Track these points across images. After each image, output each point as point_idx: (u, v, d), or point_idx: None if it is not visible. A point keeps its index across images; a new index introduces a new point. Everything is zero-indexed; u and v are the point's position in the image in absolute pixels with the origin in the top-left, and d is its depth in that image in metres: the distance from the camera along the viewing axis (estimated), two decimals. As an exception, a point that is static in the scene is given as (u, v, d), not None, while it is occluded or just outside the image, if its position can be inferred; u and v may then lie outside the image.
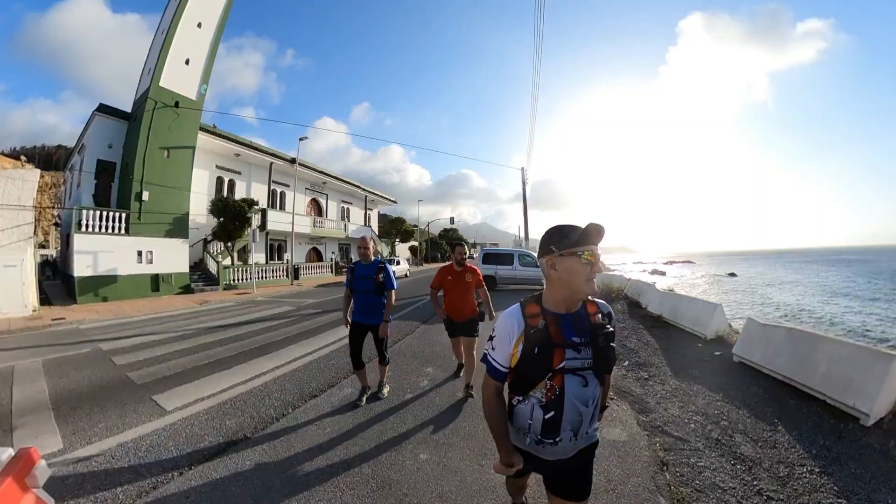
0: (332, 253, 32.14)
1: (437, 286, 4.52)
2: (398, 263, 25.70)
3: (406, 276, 25.86)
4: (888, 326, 16.19)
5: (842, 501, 2.54)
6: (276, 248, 25.56)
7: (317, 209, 31.29)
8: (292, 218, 21.74)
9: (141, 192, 15.62)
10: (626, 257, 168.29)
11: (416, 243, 50.86)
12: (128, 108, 19.08)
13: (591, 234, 1.35)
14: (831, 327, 16.23)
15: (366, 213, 38.59)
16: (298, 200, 26.90)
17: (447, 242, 71.64)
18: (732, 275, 49.13)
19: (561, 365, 1.38)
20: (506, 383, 1.52)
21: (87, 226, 14.35)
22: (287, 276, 21.41)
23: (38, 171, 13.88)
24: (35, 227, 14.09)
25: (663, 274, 51.15)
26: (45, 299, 14.04)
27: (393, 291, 4.08)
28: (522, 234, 29.00)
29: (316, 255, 30.37)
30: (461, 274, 4.38)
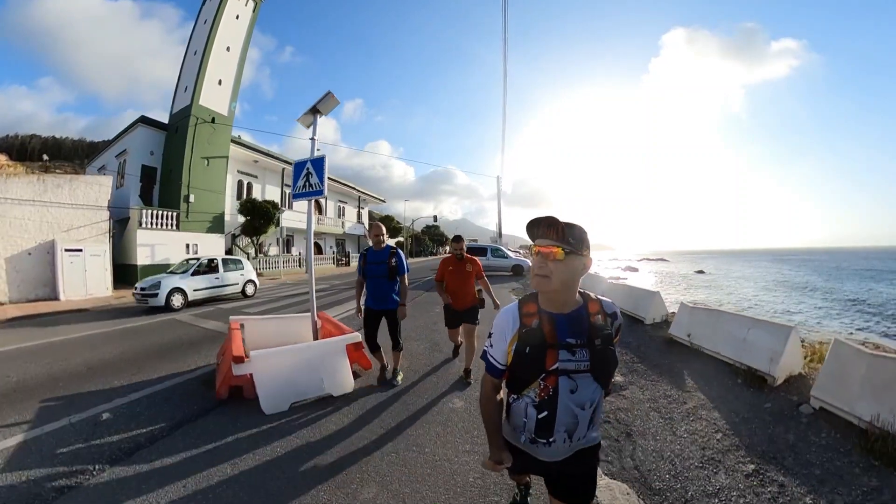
0: (331, 247, 35.58)
1: (440, 278, 4.59)
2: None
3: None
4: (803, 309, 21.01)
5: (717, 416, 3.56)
6: (285, 242, 28.85)
7: (318, 208, 34.61)
8: (308, 217, 25.13)
9: (188, 195, 18.86)
10: (602, 255, 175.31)
11: (401, 239, 54.48)
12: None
13: (532, 228, 1.33)
14: (752, 307, 20.86)
15: (358, 212, 42.04)
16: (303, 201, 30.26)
17: (430, 238, 75.46)
18: (700, 272, 51.82)
19: (554, 366, 1.32)
20: (504, 380, 1.49)
21: (146, 223, 17.52)
22: (300, 265, 24.86)
23: (109, 178, 16.95)
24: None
25: (636, 270, 54.23)
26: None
27: (405, 275, 4.20)
28: (497, 231, 33.54)
29: (317, 249, 33.72)
30: (461, 265, 4.52)
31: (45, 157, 36.09)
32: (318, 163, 4.69)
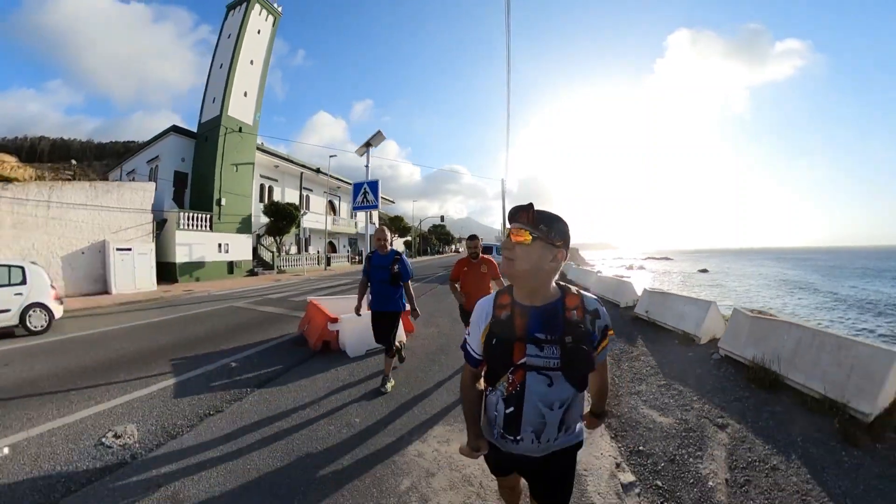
0: (344, 246, 37.37)
1: (455, 278, 4.56)
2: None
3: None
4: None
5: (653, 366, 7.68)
6: (303, 241, 30.65)
7: (332, 209, 36.43)
8: (325, 218, 27.19)
9: (220, 199, 20.67)
10: (606, 253, 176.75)
11: (409, 238, 56.26)
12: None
13: (511, 214, 1.33)
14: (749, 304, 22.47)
15: (369, 213, 43.84)
16: (319, 202, 32.14)
17: (436, 237, 77.26)
18: (704, 271, 52.75)
19: (522, 360, 1.29)
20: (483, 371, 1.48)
21: (183, 224, 19.32)
22: (318, 263, 26.65)
23: (152, 184, 18.75)
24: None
25: (642, 268, 55.30)
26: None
27: (409, 281, 4.21)
28: (502, 232, 35.65)
29: (331, 248, 35.53)
30: (477, 265, 4.47)
31: (74, 161, 38.12)
32: (373, 184, 6.37)
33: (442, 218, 58.31)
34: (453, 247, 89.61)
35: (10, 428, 3.41)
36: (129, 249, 16.39)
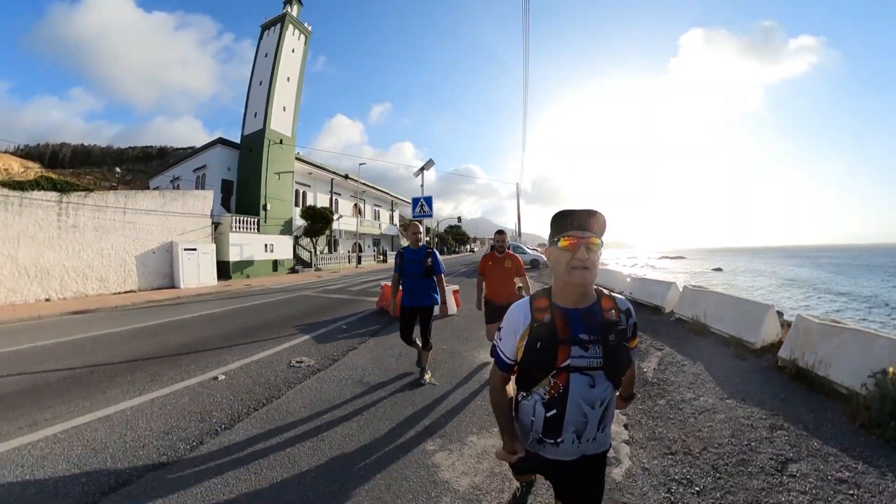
0: (368, 246, 39.78)
1: (482, 271, 4.72)
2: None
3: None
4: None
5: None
6: (333, 242, 33.13)
7: (357, 212, 38.87)
8: (355, 220, 29.41)
9: (266, 204, 23.09)
10: (620, 253, 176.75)
11: (428, 239, 58.67)
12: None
13: (569, 219, 1.31)
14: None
15: (391, 214, 46.24)
16: (346, 206, 34.57)
17: (452, 237, 79.31)
18: (718, 269, 52.44)
19: (566, 363, 1.30)
20: (513, 377, 1.50)
21: (235, 227, 21.77)
22: (349, 261, 29.03)
23: (211, 192, 21.20)
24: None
25: (653, 268, 55.63)
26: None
27: (442, 274, 4.33)
28: (516, 231, 37.52)
29: (357, 248, 37.96)
30: (501, 260, 4.57)
31: (118, 169, 41.24)
32: (428, 199, 8.48)
33: (459, 219, 60.33)
34: (468, 246, 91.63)
35: (225, 361, 5.38)
36: (195, 249, 18.83)
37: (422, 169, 8.47)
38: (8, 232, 13.26)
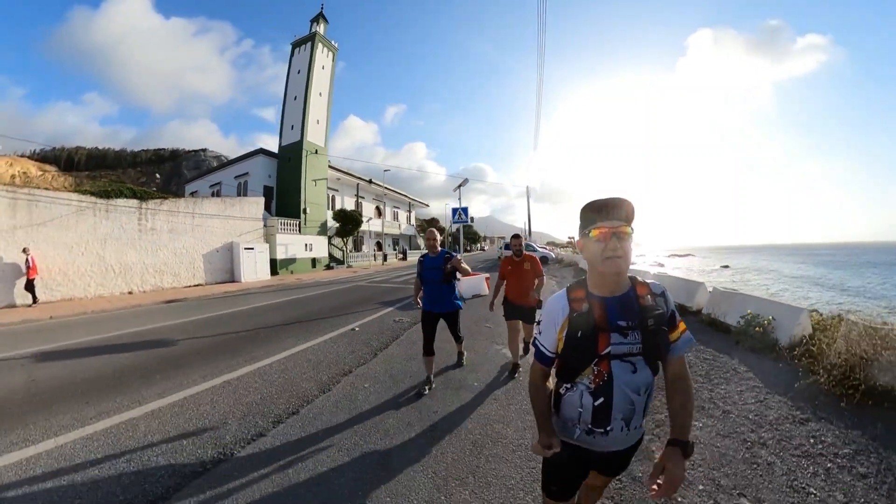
0: (389, 245, 42.77)
1: (503, 276, 4.97)
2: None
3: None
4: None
5: None
6: (359, 241, 36.12)
7: (378, 213, 41.88)
8: (380, 221, 32.38)
9: (306, 209, 26.04)
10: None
11: (441, 238, 61.48)
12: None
13: (598, 209, 1.33)
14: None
15: (408, 215, 49.23)
16: (369, 208, 37.55)
17: (464, 237, 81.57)
18: (726, 267, 52.88)
19: (607, 350, 1.33)
20: (553, 370, 1.51)
21: (281, 229, 24.71)
22: (375, 259, 32.00)
23: (262, 199, 24.16)
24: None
25: (662, 266, 56.26)
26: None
27: (458, 256, 4.43)
28: (527, 230, 40.29)
29: (378, 247, 40.96)
30: (520, 263, 4.77)
31: (158, 175, 44.63)
32: (465, 209, 11.22)
33: (472, 220, 63.00)
34: (479, 245, 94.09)
35: (350, 321, 8.00)
36: (253, 248, 21.76)
37: (460, 186, 11.18)
38: (96, 234, 15.57)
